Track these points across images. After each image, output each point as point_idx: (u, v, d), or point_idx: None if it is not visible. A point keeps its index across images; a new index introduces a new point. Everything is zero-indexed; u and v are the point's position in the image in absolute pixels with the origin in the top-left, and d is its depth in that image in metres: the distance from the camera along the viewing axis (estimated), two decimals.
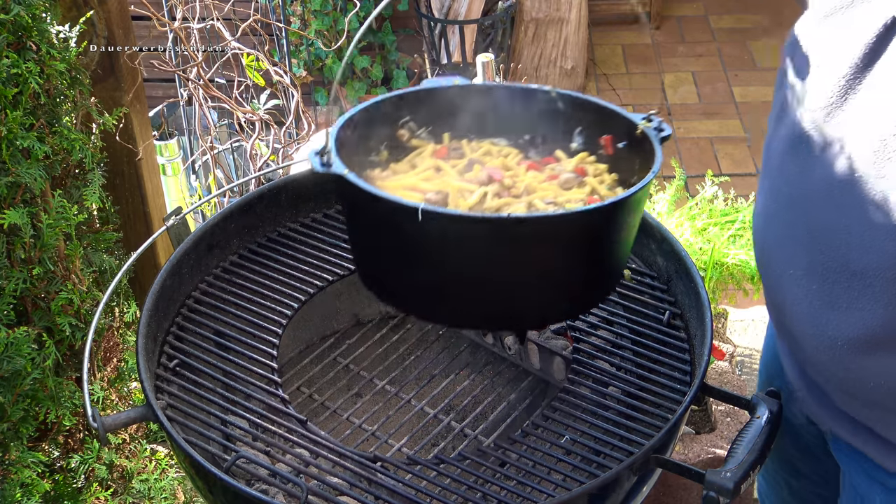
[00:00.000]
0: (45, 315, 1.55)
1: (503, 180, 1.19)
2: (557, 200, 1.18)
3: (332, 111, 3.96)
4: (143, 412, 1.17)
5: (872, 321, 0.97)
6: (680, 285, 1.34)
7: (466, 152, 1.27)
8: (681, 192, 2.51)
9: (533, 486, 1.10)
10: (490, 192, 1.17)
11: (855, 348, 1.00)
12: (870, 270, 0.95)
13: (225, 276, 1.42)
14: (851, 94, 0.96)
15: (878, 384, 1.00)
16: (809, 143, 1.01)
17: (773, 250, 1.09)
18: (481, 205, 1.15)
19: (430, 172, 1.21)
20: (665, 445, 1.11)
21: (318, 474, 1.14)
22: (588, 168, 1.26)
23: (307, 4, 3.76)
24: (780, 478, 1.42)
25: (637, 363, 1.27)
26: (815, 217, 1.00)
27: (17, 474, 1.45)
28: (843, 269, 0.98)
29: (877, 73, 0.93)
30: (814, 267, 1.02)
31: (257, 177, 2.40)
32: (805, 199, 1.01)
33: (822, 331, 1.03)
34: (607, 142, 1.28)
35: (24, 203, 1.49)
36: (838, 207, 0.97)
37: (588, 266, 1.14)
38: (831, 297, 1.01)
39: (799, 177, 1.02)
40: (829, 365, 1.05)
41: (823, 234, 1.00)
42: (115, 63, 1.94)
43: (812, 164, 1.00)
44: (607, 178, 1.25)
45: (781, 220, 1.06)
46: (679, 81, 4.34)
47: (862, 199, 0.95)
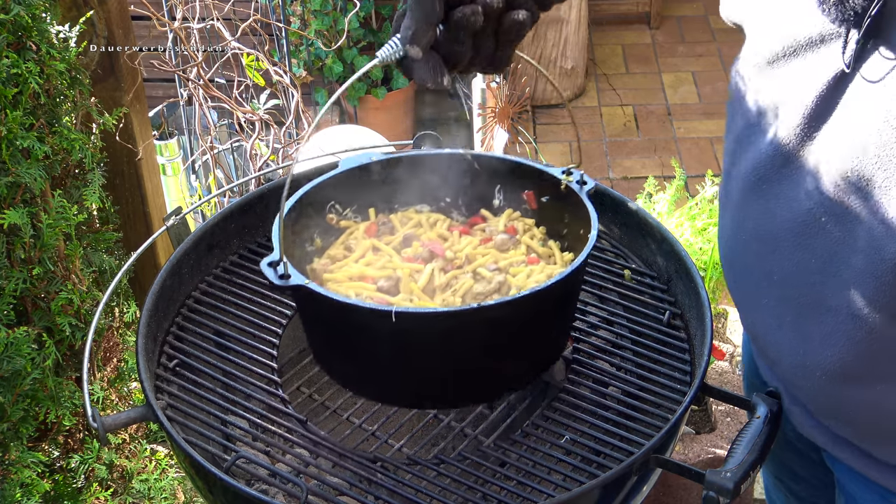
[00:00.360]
0: (45, 315, 1.55)
1: (445, 254, 1.24)
2: (500, 266, 1.24)
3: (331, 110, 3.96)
4: (142, 412, 1.17)
5: (847, 357, 0.97)
6: (680, 285, 1.34)
7: (396, 225, 1.32)
8: (681, 192, 2.51)
9: (533, 486, 1.10)
10: (436, 268, 1.22)
11: (832, 379, 1.00)
12: (842, 309, 0.95)
13: (225, 276, 1.42)
14: (808, 142, 0.95)
15: (858, 412, 1.00)
16: (771, 186, 1.00)
17: (744, 281, 1.08)
18: (431, 283, 1.20)
19: (370, 255, 1.25)
20: (665, 445, 1.11)
21: (318, 474, 1.14)
22: (517, 225, 1.32)
23: (307, 4, 3.76)
24: (780, 481, 1.42)
25: (637, 363, 1.27)
26: (784, 256, 1.00)
27: (17, 474, 1.45)
28: (816, 305, 0.98)
29: (833, 124, 0.92)
30: (786, 301, 1.01)
31: (257, 177, 2.40)
32: (772, 238, 1.01)
33: (799, 360, 1.02)
34: (530, 197, 1.34)
35: (24, 203, 1.49)
36: (807, 248, 0.97)
37: (555, 323, 1.19)
38: (806, 330, 1.00)
39: (764, 216, 1.01)
40: (809, 391, 1.04)
41: (794, 272, 0.99)
42: (115, 63, 1.94)
43: (776, 205, 1.00)
44: (537, 232, 1.32)
45: (751, 253, 1.05)
46: (679, 81, 4.34)
47: (829, 242, 0.95)
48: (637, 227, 1.43)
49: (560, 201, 1.28)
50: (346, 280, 1.21)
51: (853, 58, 0.89)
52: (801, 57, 0.95)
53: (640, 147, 4.02)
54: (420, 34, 0.95)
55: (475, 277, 1.21)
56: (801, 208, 0.96)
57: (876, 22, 0.86)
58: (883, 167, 0.87)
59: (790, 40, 0.95)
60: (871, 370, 0.96)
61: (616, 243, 1.46)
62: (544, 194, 1.31)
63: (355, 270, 1.22)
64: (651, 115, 4.19)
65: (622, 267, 1.42)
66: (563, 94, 4.26)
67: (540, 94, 4.24)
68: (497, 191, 1.35)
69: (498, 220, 1.33)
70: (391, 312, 1.03)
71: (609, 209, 1.46)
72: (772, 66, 0.98)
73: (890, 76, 0.86)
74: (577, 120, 4.17)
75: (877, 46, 0.87)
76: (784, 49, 0.96)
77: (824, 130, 0.93)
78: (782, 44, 0.96)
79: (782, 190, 0.99)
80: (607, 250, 1.45)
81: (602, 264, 1.42)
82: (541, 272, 1.22)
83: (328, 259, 1.27)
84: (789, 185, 0.98)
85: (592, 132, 4.12)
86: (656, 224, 1.39)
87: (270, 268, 1.10)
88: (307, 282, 1.07)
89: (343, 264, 1.24)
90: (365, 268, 1.22)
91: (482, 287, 1.19)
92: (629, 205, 1.43)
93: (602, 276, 1.40)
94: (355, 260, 1.25)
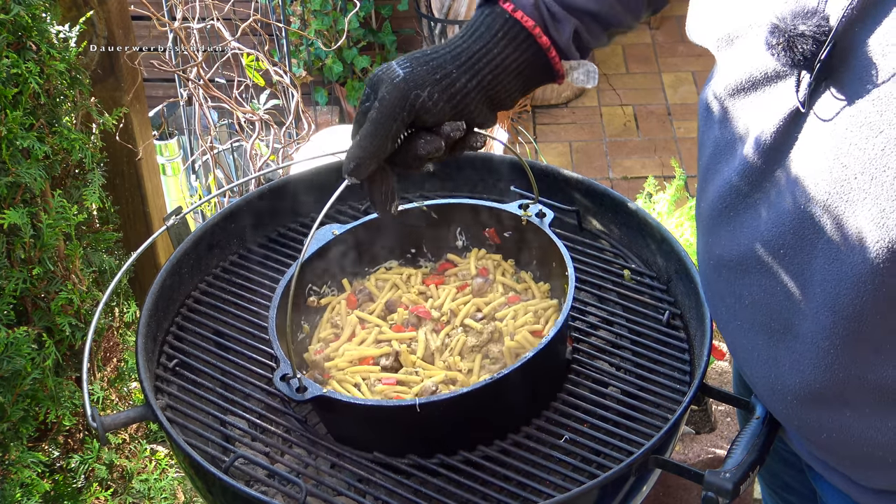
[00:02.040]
0: (45, 315, 1.55)
1: (432, 315, 1.29)
2: (485, 313, 1.29)
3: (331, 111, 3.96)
4: (142, 412, 1.17)
5: (814, 384, 0.97)
6: (680, 285, 1.34)
7: (373, 291, 1.36)
8: (681, 192, 2.51)
9: (533, 487, 1.11)
10: (427, 332, 1.27)
11: (803, 403, 1.00)
12: (807, 337, 0.95)
13: (225, 276, 1.42)
14: (769, 174, 0.95)
15: (830, 437, 1.00)
16: (737, 214, 1.00)
17: (718, 303, 1.09)
18: (427, 348, 1.25)
19: (361, 333, 1.29)
20: (664, 446, 1.11)
21: (316, 475, 1.14)
22: (488, 265, 1.38)
23: (307, 4, 3.76)
24: (774, 492, 1.42)
25: (636, 363, 1.27)
26: (752, 282, 1.00)
27: (17, 474, 1.45)
28: (784, 331, 0.98)
29: (791, 159, 0.92)
30: (757, 325, 1.02)
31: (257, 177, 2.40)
32: (739, 264, 1.01)
33: (771, 384, 1.02)
34: (492, 234, 1.40)
35: (24, 203, 1.49)
36: (772, 276, 0.97)
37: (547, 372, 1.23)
38: (776, 355, 1.00)
39: (731, 243, 1.02)
40: (784, 414, 1.04)
41: (763, 298, 0.99)
42: (115, 63, 1.94)
43: (741, 234, 1.00)
44: (507, 266, 1.37)
45: (722, 277, 1.05)
46: (679, 81, 4.34)
47: (790, 273, 0.95)
48: (637, 227, 1.43)
49: (523, 233, 1.34)
50: (348, 365, 1.25)
51: (807, 97, 0.89)
52: (761, 91, 0.95)
53: (640, 147, 4.02)
54: (363, 169, 1.01)
55: (466, 331, 1.27)
56: (764, 238, 0.96)
57: (826, 64, 0.86)
58: (833, 204, 0.88)
59: (749, 74, 0.95)
60: (838, 396, 0.96)
61: (616, 243, 1.46)
62: (506, 230, 1.37)
63: (355, 354, 1.26)
64: (651, 115, 4.19)
65: (622, 267, 1.42)
66: (563, 93, 4.26)
67: (540, 94, 4.24)
68: (458, 233, 1.41)
69: (467, 262, 1.38)
70: (416, 405, 1.09)
71: (609, 209, 1.46)
72: (734, 97, 0.98)
73: (839, 116, 0.86)
74: (578, 120, 4.17)
75: (828, 86, 0.88)
76: (744, 82, 0.96)
77: (783, 165, 0.93)
78: (742, 76, 0.96)
79: (746, 219, 0.99)
80: (607, 250, 1.45)
81: (601, 264, 1.42)
82: (525, 312, 1.28)
83: (321, 343, 1.30)
84: (752, 216, 0.98)
85: (592, 132, 4.12)
86: (656, 224, 1.39)
87: (284, 382, 1.12)
88: (326, 391, 1.11)
89: (338, 346, 1.28)
90: (363, 349, 1.26)
91: (475, 339, 1.24)
92: (629, 205, 1.43)
93: (601, 277, 1.40)
94: (347, 339, 1.29)
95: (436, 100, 1.02)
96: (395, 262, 1.41)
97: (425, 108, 1.01)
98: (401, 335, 1.27)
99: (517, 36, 1.07)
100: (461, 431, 1.17)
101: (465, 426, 1.17)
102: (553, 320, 1.26)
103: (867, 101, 0.84)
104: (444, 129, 1.03)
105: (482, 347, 1.24)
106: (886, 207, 0.84)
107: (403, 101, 1.00)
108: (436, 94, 1.02)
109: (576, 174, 1.48)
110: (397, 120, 1.00)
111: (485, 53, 1.05)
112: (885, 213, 0.84)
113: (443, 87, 1.02)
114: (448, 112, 1.03)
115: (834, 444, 1.01)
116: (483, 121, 1.07)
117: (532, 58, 1.08)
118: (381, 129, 1.00)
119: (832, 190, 0.88)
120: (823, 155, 0.88)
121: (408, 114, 1.01)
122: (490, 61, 1.06)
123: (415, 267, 1.41)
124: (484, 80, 1.05)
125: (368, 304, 1.34)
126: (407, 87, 1.00)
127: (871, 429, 0.96)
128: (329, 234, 1.34)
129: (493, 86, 1.06)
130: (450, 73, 1.03)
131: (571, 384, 1.25)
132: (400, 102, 1.00)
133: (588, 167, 3.90)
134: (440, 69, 1.03)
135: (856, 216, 0.86)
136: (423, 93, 1.01)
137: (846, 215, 0.87)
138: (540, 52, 1.08)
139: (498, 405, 1.16)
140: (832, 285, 0.90)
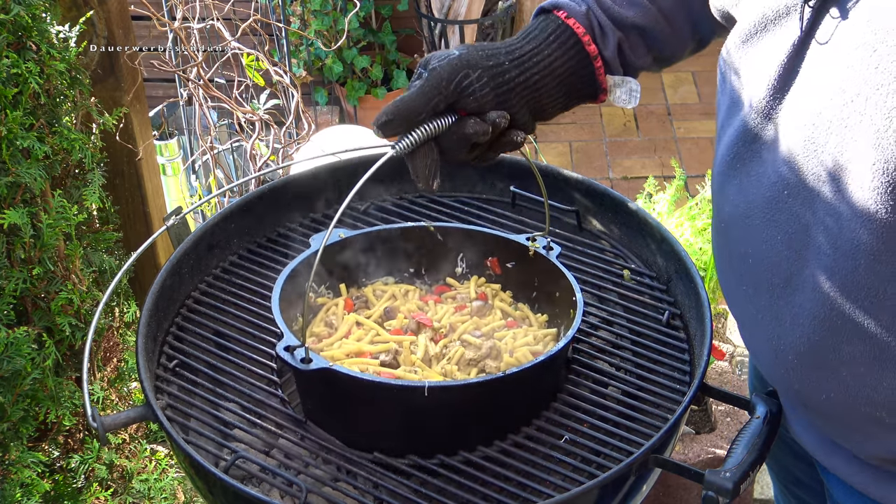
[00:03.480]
0: (45, 315, 1.55)
1: (433, 324, 1.30)
2: (484, 331, 1.30)
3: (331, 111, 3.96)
4: (142, 412, 1.17)
5: (813, 336, 0.97)
6: (680, 285, 1.34)
7: (371, 299, 1.37)
8: (681, 192, 2.51)
9: (533, 487, 1.11)
10: (426, 338, 1.28)
11: (802, 363, 1.01)
12: (807, 286, 0.96)
13: (225, 276, 1.42)
14: (774, 114, 0.96)
15: (829, 397, 1.00)
16: (744, 164, 1.01)
17: (727, 269, 1.10)
18: (426, 353, 1.25)
19: (358, 331, 1.29)
20: (664, 445, 1.11)
21: (317, 475, 1.14)
22: (487, 291, 1.38)
23: (307, 4, 3.76)
24: (786, 487, 1.42)
25: (636, 363, 1.27)
26: (755, 235, 1.01)
27: (17, 474, 1.45)
28: (785, 284, 0.99)
29: (794, 93, 0.93)
30: (761, 284, 1.02)
31: (257, 177, 2.40)
32: (745, 217, 1.02)
33: (773, 345, 1.03)
34: (493, 263, 1.40)
35: (24, 203, 1.49)
36: (774, 225, 0.98)
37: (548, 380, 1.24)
38: (778, 312, 1.01)
39: (738, 196, 1.03)
40: (784, 379, 1.05)
41: (764, 251, 1.00)
42: (115, 63, 1.95)
43: (748, 183, 1.01)
44: (505, 296, 1.38)
45: (731, 239, 1.06)
46: (679, 81, 4.34)
47: (792, 217, 0.96)
48: (637, 227, 1.43)
49: (527, 265, 1.34)
50: (345, 357, 1.24)
51: (809, 23, 0.90)
52: (770, 31, 0.96)
53: (640, 147, 4.02)
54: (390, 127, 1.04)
55: (464, 345, 1.27)
56: (769, 182, 0.97)
57: None
58: (835, 133, 0.88)
59: (761, 15, 0.97)
60: (835, 351, 0.97)
61: (616, 243, 1.46)
62: (509, 260, 1.37)
63: (353, 347, 1.26)
64: (651, 115, 4.19)
65: (622, 267, 1.42)
66: None
67: None
68: (459, 259, 1.41)
69: (467, 287, 1.38)
70: (424, 388, 1.09)
71: (609, 209, 1.46)
72: (746, 43, 1.00)
73: (835, 37, 0.87)
74: (578, 119, 4.17)
75: (828, 8, 0.89)
76: (756, 25, 0.98)
77: (787, 101, 0.94)
78: (755, 19, 0.98)
79: (753, 167, 1.00)
80: (607, 250, 1.45)
81: (601, 264, 1.42)
82: (525, 335, 1.29)
83: (314, 337, 1.30)
84: (758, 162, 0.99)
85: (592, 132, 4.12)
86: (656, 224, 1.39)
87: (288, 352, 1.12)
88: (331, 364, 1.11)
89: (333, 341, 1.28)
90: (361, 344, 1.26)
91: (473, 353, 1.25)
92: (629, 205, 1.43)
93: (601, 277, 1.40)
94: (344, 336, 1.29)
95: (483, 83, 1.05)
96: (391, 279, 1.41)
97: (471, 90, 1.05)
98: (400, 337, 1.27)
99: (567, 41, 1.12)
100: (461, 431, 1.17)
101: (465, 424, 1.16)
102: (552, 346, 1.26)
103: (861, 20, 0.84)
104: (490, 116, 1.06)
105: (479, 362, 1.24)
106: (881, 127, 0.84)
107: (453, 75, 1.04)
108: (484, 78, 1.05)
109: (576, 174, 1.48)
110: (442, 93, 1.03)
111: (535, 53, 1.10)
112: (879, 132, 0.84)
113: (492, 74, 1.06)
114: (491, 101, 1.06)
115: (833, 406, 1.01)
116: (524, 122, 1.11)
117: (577, 66, 1.13)
118: (422, 95, 1.03)
119: (833, 117, 0.88)
120: (824, 83, 0.89)
121: (453, 89, 1.04)
122: (539, 62, 1.10)
123: (411, 286, 1.41)
124: (531, 78, 1.09)
125: (366, 310, 1.34)
126: (460, 63, 1.04)
127: (867, 387, 0.97)
128: (335, 236, 1.34)
129: (538, 87, 1.10)
130: (501, 63, 1.07)
131: (571, 384, 1.25)
132: (449, 76, 1.03)
133: (588, 167, 3.90)
134: (493, 58, 1.07)
135: (855, 141, 0.86)
136: (473, 74, 1.05)
137: (846, 142, 0.87)
138: (586, 60, 1.13)
139: (504, 401, 1.16)
140: (833, 221, 0.90)
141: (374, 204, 1.54)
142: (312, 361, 1.10)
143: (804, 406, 1.08)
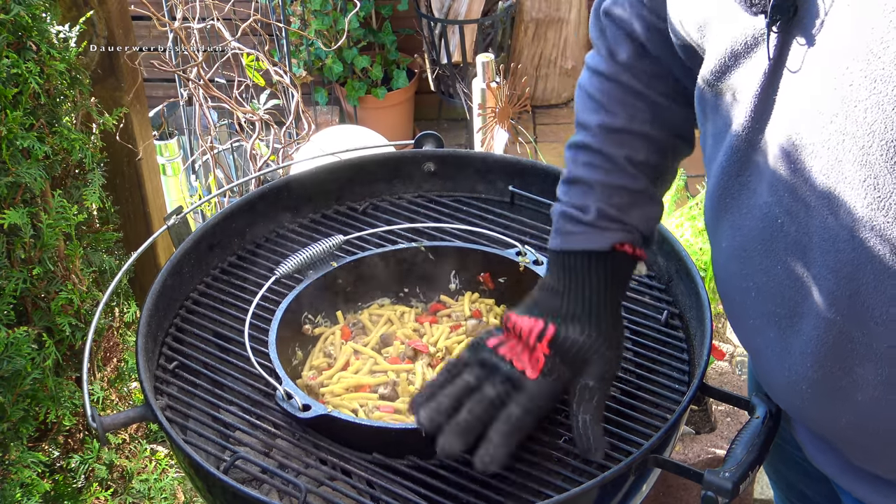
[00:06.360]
0: (45, 315, 1.55)
1: (429, 350, 1.31)
2: None
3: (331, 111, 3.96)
4: (142, 412, 1.17)
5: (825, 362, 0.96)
6: (680, 285, 1.34)
7: (367, 325, 1.38)
8: (681, 192, 2.51)
9: (533, 487, 1.11)
10: (423, 365, 1.29)
11: (817, 392, 1.00)
12: (811, 313, 0.95)
13: (225, 276, 1.42)
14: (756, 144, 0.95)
15: (849, 421, 0.99)
16: (734, 199, 1.01)
17: (732, 303, 1.09)
18: (425, 380, 1.26)
19: (356, 363, 1.30)
20: (664, 445, 1.11)
21: (316, 475, 1.14)
22: (481, 308, 1.39)
23: (307, 4, 3.76)
24: (787, 499, 1.41)
25: (636, 363, 1.27)
26: (755, 268, 1.00)
27: (17, 474, 1.45)
28: (791, 314, 0.98)
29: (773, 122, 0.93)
30: (767, 317, 1.02)
31: (257, 177, 2.40)
32: (743, 252, 1.01)
33: (787, 377, 1.02)
34: (486, 278, 1.41)
35: (24, 203, 1.50)
36: (771, 255, 0.97)
37: None
38: (786, 342, 1.00)
39: (732, 231, 1.02)
40: (802, 410, 1.04)
41: (766, 283, 1.00)
42: (115, 63, 1.95)
43: (740, 217, 1.00)
44: (499, 311, 1.38)
45: (731, 273, 1.05)
46: None
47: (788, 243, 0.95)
48: None
49: (519, 278, 1.35)
50: (345, 392, 1.25)
51: (777, 51, 0.90)
52: (742, 65, 0.95)
53: None
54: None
55: None
56: (761, 213, 0.97)
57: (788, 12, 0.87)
58: (819, 155, 0.87)
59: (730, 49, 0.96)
60: (848, 376, 0.96)
61: None
62: (500, 276, 1.39)
63: (352, 381, 1.26)
64: None
65: None
66: (563, 94, 4.26)
67: (540, 94, 4.24)
68: (452, 276, 1.41)
69: (461, 304, 1.39)
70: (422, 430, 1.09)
71: None
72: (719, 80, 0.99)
73: (805, 63, 0.87)
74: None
75: (794, 36, 0.88)
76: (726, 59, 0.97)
77: (768, 130, 0.93)
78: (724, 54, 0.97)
79: (743, 199, 0.99)
80: None
81: None
82: None
83: (314, 370, 1.31)
84: (748, 194, 0.98)
85: None
86: None
87: (285, 401, 1.16)
88: (330, 410, 1.14)
89: (332, 374, 1.29)
90: (360, 377, 1.27)
91: None
92: None
93: None
94: (342, 368, 1.29)
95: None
96: (387, 300, 1.42)
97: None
98: (397, 367, 1.28)
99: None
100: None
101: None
102: None
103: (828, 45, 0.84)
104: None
105: None
106: (865, 143, 0.83)
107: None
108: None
109: None
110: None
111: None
112: (864, 149, 0.83)
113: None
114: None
115: (853, 431, 1.00)
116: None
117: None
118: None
119: (815, 140, 0.87)
120: (801, 108, 0.88)
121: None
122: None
123: (407, 306, 1.42)
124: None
125: (362, 336, 1.35)
126: None
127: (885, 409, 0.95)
128: (328, 266, 1.36)
129: None
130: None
131: None
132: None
133: None
134: None
135: (840, 162, 0.86)
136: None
137: (832, 163, 0.87)
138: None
139: None
140: (830, 244, 0.89)
141: (372, 204, 1.54)
142: (311, 408, 1.13)
143: (823, 434, 1.07)
